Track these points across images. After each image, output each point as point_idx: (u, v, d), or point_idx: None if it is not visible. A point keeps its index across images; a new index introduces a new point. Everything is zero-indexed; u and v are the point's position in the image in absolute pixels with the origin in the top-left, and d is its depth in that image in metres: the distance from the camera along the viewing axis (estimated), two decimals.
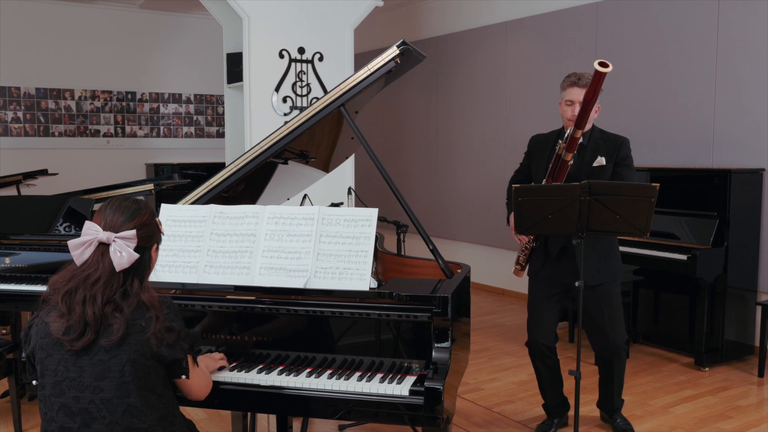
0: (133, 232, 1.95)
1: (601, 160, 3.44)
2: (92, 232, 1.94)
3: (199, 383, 2.10)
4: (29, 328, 1.97)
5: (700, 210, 4.86)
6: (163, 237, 2.11)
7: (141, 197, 4.40)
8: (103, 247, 1.93)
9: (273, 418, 3.56)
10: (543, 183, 3.40)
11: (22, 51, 7.87)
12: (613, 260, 3.56)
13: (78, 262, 1.94)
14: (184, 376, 1.99)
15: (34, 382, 1.98)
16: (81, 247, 1.93)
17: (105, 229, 1.95)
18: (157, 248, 2.08)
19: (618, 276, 3.58)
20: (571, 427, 3.79)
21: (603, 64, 3.05)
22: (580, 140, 3.36)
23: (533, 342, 3.64)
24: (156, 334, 1.89)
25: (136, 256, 1.94)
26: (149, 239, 2.02)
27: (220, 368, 2.34)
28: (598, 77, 3.10)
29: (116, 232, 1.94)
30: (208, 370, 2.25)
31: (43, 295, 1.97)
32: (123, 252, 1.92)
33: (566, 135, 3.30)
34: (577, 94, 3.41)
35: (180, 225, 2.58)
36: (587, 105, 3.18)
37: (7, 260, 3.79)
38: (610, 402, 3.77)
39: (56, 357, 1.89)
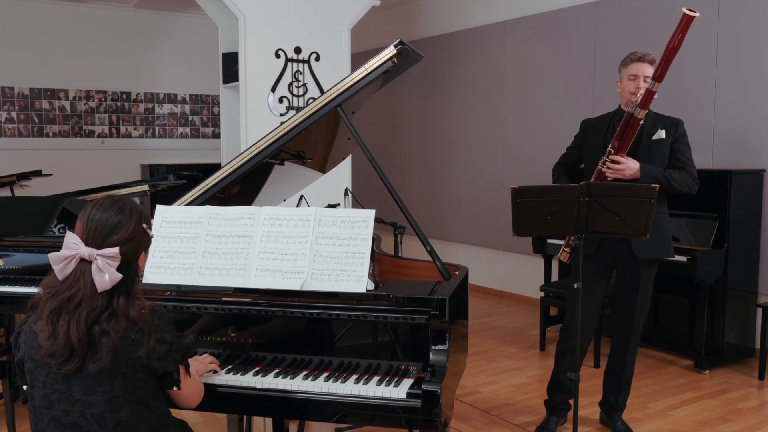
0: (116, 250, 1.82)
1: (660, 133, 3.49)
2: (74, 245, 1.82)
3: (191, 392, 2.06)
4: (18, 334, 1.91)
5: (700, 211, 4.83)
6: (153, 239, 2.01)
7: (138, 200, 4.39)
8: (84, 264, 1.82)
9: (269, 420, 3.53)
10: (609, 148, 3.44)
11: (16, 51, 7.83)
12: (665, 237, 3.58)
13: (60, 277, 1.83)
14: (175, 387, 1.93)
15: (25, 387, 1.93)
16: (62, 262, 1.82)
17: (87, 242, 1.83)
18: (146, 253, 1.98)
19: (669, 253, 3.62)
20: (569, 429, 3.76)
21: (691, 10, 3.03)
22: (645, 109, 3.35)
23: (569, 330, 3.64)
24: (147, 350, 1.82)
25: (119, 276, 1.82)
26: (135, 252, 1.90)
27: (215, 371, 2.31)
28: (687, 22, 3.07)
29: (98, 247, 1.82)
30: (198, 374, 2.19)
31: (33, 299, 1.89)
32: (105, 273, 1.80)
33: (641, 93, 3.32)
34: (643, 68, 3.45)
35: (175, 226, 2.55)
36: (671, 53, 3.17)
37: (1, 262, 3.76)
38: (614, 397, 3.74)
39: (45, 369, 1.84)
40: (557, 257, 3.79)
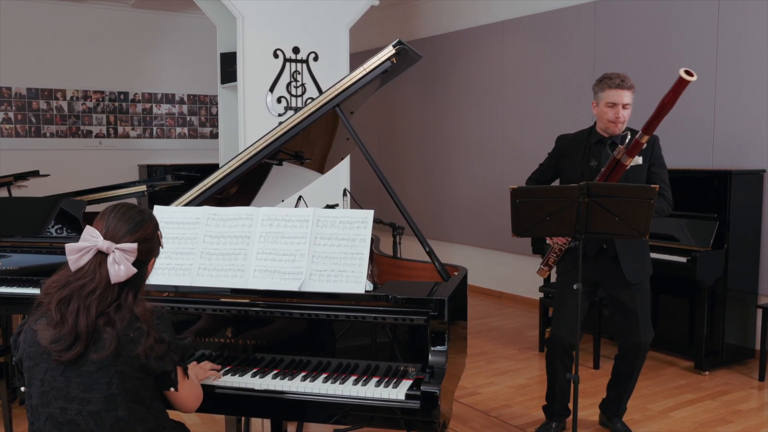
0: (134, 245, 1.89)
1: (638, 160, 3.39)
2: (92, 238, 1.88)
3: (189, 395, 2.05)
4: (18, 334, 1.93)
5: (700, 212, 4.82)
6: (161, 249, 2.06)
7: (136, 201, 4.37)
8: (101, 256, 1.87)
9: (267, 422, 3.51)
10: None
11: (13, 51, 7.81)
12: (647, 258, 3.58)
13: (73, 267, 1.87)
14: (172, 389, 1.94)
15: (23, 389, 1.94)
16: (78, 252, 1.87)
17: (106, 237, 1.88)
18: (154, 261, 2.03)
19: (650, 273, 3.60)
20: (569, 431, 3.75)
21: (689, 73, 2.97)
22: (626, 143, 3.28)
23: (556, 338, 3.60)
24: (145, 348, 1.84)
25: (134, 270, 1.88)
26: (149, 253, 1.97)
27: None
28: (683, 86, 3.01)
29: (117, 242, 1.88)
30: (197, 379, 2.19)
31: (38, 298, 1.92)
32: (121, 265, 1.86)
33: (627, 139, 3.23)
34: (623, 96, 3.36)
35: (173, 227, 2.54)
36: (663, 111, 3.10)
37: None
38: (617, 405, 3.72)
39: (43, 366, 1.85)
40: (536, 272, 3.76)
